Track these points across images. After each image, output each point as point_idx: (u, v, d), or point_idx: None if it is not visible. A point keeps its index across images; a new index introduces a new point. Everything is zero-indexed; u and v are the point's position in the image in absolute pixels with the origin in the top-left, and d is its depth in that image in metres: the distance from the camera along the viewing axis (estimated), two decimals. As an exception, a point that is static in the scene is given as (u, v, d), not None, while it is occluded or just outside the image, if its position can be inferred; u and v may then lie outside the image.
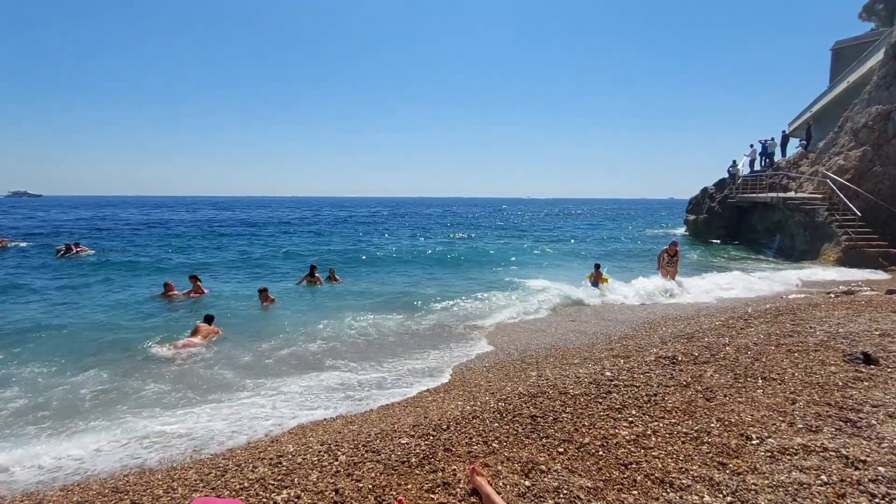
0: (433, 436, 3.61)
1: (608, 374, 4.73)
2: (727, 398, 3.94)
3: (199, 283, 11.11)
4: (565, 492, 2.71)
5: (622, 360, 5.28)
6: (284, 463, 3.33)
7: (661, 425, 3.50)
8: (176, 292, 10.81)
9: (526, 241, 26.52)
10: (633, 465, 2.97)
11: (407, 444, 3.49)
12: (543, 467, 3.00)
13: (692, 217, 25.23)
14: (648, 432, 3.40)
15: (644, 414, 3.72)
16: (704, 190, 24.81)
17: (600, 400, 4.04)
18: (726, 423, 3.48)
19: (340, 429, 4.18)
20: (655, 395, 4.07)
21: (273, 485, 3.03)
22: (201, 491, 3.06)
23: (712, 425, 3.45)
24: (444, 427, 3.76)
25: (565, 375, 4.86)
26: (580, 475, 2.89)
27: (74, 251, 17.44)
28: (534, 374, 5.30)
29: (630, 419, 3.63)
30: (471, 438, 3.51)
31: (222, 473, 3.27)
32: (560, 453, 3.18)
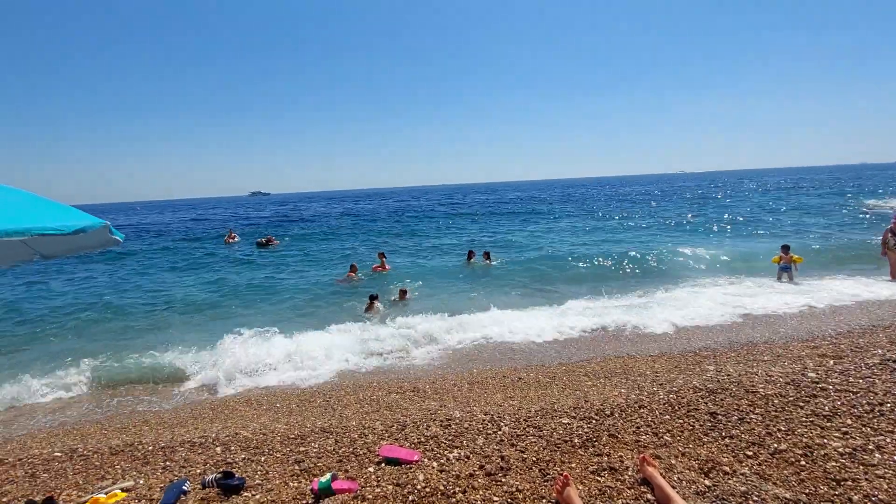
0: (596, 420, 3.55)
1: (812, 374, 4.01)
2: None
3: (384, 259, 12.60)
4: (755, 498, 2.42)
5: (832, 361, 4.41)
6: (453, 426, 3.64)
7: (888, 441, 2.86)
8: (357, 276, 11.93)
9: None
10: (849, 483, 2.50)
11: (568, 424, 3.50)
12: (727, 469, 2.72)
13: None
14: (870, 447, 2.81)
15: (864, 425, 3.07)
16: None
17: (801, 404, 3.46)
18: None
19: (501, 402, 4.39)
20: (881, 404, 3.32)
21: (445, 443, 3.35)
22: (386, 440, 3.55)
23: (972, 450, 2.70)
24: (608, 413, 3.66)
25: (752, 372, 4.27)
26: (775, 483, 2.55)
27: (270, 243, 21.22)
28: (711, 368, 4.78)
29: (843, 429, 3.04)
30: (638, 428, 3.36)
31: (402, 428, 3.73)
32: (748, 457, 2.84)
